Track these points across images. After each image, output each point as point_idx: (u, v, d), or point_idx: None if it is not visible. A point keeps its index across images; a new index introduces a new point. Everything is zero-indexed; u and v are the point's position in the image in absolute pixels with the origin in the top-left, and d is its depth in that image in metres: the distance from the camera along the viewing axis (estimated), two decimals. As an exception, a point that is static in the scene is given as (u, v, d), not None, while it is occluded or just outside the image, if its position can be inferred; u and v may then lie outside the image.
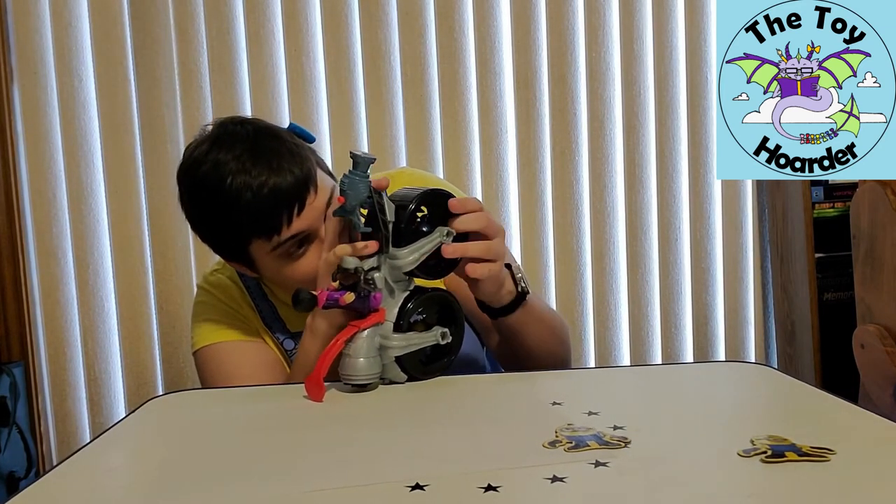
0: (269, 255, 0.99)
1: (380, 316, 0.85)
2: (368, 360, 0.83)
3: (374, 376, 0.84)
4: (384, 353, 0.85)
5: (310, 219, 0.98)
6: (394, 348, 0.85)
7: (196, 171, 0.98)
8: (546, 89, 1.95)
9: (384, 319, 0.85)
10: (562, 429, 0.69)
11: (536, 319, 1.01)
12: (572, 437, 0.67)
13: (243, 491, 0.59)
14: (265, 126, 1.03)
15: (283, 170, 0.96)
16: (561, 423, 0.70)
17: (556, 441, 0.66)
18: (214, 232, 1.03)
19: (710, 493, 0.56)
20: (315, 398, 0.81)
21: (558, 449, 0.65)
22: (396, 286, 0.87)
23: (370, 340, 0.84)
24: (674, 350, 2.05)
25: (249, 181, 0.95)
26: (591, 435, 0.67)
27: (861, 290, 1.73)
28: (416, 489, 0.57)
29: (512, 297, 0.96)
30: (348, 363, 0.83)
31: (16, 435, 1.81)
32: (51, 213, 1.87)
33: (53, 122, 1.86)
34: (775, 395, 0.86)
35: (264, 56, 1.88)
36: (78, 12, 1.85)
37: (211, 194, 0.97)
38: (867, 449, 0.64)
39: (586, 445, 0.65)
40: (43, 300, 1.90)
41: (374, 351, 0.84)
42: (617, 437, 0.66)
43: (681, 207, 2.02)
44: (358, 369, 0.83)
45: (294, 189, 0.96)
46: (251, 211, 0.95)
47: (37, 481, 0.64)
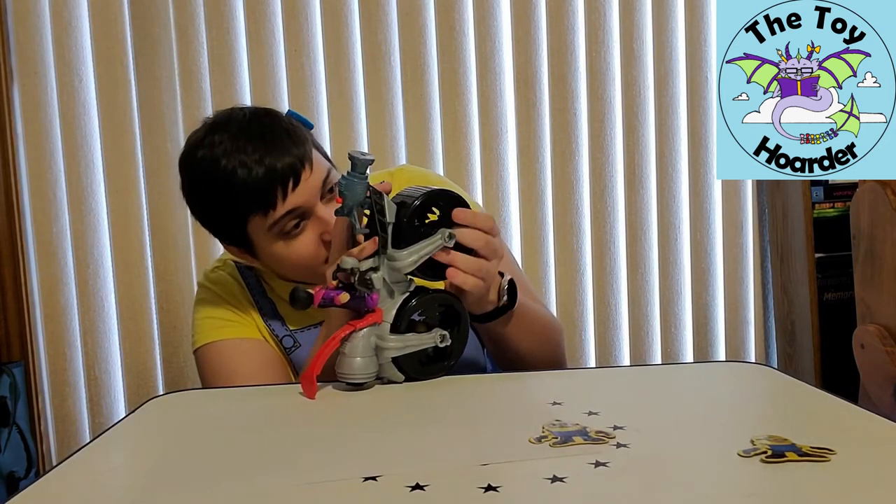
0: (267, 235, 1.00)
1: (377, 316, 0.85)
2: (364, 359, 0.83)
3: (370, 375, 0.84)
4: (380, 353, 0.85)
5: (305, 194, 0.98)
6: (390, 349, 0.84)
7: (193, 154, 1.01)
8: (546, 89, 1.95)
9: (381, 320, 0.85)
10: (549, 425, 0.69)
11: (524, 328, 1.01)
12: (558, 433, 0.67)
13: (243, 491, 0.59)
14: (262, 109, 1.06)
15: (278, 147, 0.97)
16: (549, 420, 0.70)
17: (543, 437, 0.67)
18: (213, 213, 1.04)
19: (709, 493, 0.56)
20: (308, 395, 0.81)
21: (544, 444, 0.65)
22: (396, 287, 0.86)
23: (366, 340, 0.84)
24: (674, 350, 2.05)
25: (244, 158, 0.96)
26: (576, 431, 0.67)
27: (861, 290, 1.73)
28: (416, 489, 0.57)
29: (494, 306, 0.96)
30: (345, 362, 0.84)
31: (16, 435, 1.81)
32: (51, 213, 1.87)
33: (53, 122, 1.86)
34: (775, 395, 0.86)
35: (264, 56, 1.88)
36: (78, 12, 1.85)
37: (207, 174, 0.99)
38: (867, 449, 0.64)
39: (571, 441, 0.65)
40: (43, 300, 1.90)
41: (371, 350, 0.84)
42: (602, 433, 0.66)
43: (681, 207, 2.02)
44: (354, 368, 0.83)
45: (289, 164, 0.97)
46: (247, 187, 0.96)
47: (37, 481, 0.64)
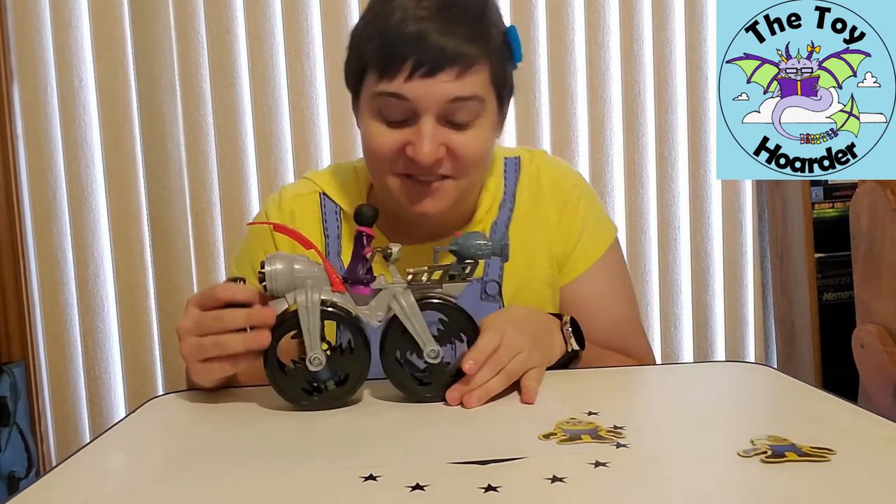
0: (369, 101, 0.91)
1: (340, 287, 0.79)
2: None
3: None
4: None
5: (427, 95, 0.86)
6: None
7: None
8: (546, 89, 1.95)
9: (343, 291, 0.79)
10: (562, 423, 0.70)
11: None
12: (568, 430, 0.67)
13: (243, 490, 0.59)
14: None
15: (450, 26, 0.85)
16: (563, 418, 0.71)
17: (552, 434, 0.67)
18: (354, 43, 0.94)
19: (709, 493, 0.56)
20: None
21: (551, 441, 0.65)
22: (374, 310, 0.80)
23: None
24: (673, 350, 2.05)
25: (411, 8, 0.85)
26: (587, 429, 0.68)
27: (860, 290, 1.73)
28: (416, 489, 0.57)
29: (562, 352, 0.89)
30: None
31: (16, 435, 1.81)
32: (51, 213, 1.87)
33: (53, 122, 1.86)
34: (775, 395, 0.86)
35: (264, 56, 1.88)
36: (78, 12, 1.85)
37: (376, 2, 0.91)
38: (867, 449, 0.64)
39: (579, 438, 0.66)
40: (43, 300, 1.90)
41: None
42: (612, 433, 0.67)
43: (680, 207, 2.02)
44: None
45: (437, 51, 0.84)
46: (386, 37, 0.86)
47: (37, 481, 0.64)
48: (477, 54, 0.87)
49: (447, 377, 0.80)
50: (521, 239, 1.01)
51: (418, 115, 0.88)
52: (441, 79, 0.85)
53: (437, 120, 0.88)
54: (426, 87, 0.86)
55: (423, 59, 0.85)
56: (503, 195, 1.04)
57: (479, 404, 0.77)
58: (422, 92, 0.86)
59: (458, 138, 0.89)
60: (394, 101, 0.87)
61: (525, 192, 1.04)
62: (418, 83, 0.85)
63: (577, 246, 1.05)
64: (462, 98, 0.87)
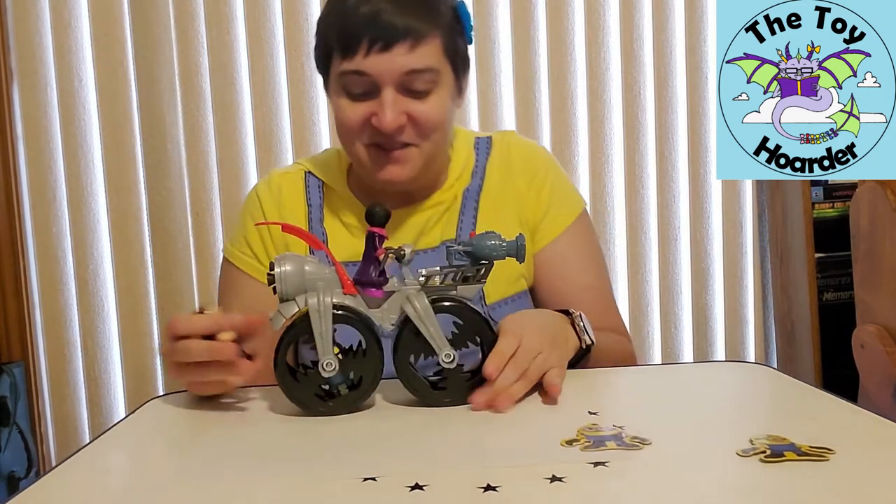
0: (335, 80, 0.98)
1: (352, 289, 0.78)
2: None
3: None
4: None
5: (384, 69, 0.93)
6: None
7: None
8: (546, 89, 1.95)
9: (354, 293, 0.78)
10: (585, 429, 0.69)
11: (601, 362, 0.95)
12: (591, 437, 0.67)
13: (243, 490, 0.59)
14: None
15: (401, 5, 0.93)
16: (584, 423, 0.70)
17: (575, 440, 0.66)
18: (319, 31, 1.01)
19: (708, 493, 0.56)
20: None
21: (574, 447, 0.65)
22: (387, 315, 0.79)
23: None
24: (673, 350, 2.05)
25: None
26: (611, 436, 0.67)
27: (860, 290, 1.73)
28: (416, 489, 0.57)
29: (577, 349, 0.90)
30: None
31: (16, 435, 1.81)
32: (51, 213, 1.87)
33: (53, 122, 1.87)
34: (775, 395, 0.86)
35: (264, 56, 1.88)
36: (78, 12, 1.85)
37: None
38: (867, 449, 0.64)
39: (604, 445, 0.65)
40: (43, 300, 1.90)
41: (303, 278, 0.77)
42: (638, 439, 0.66)
43: (680, 207, 2.02)
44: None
45: (391, 27, 0.92)
46: (344, 20, 0.94)
47: (37, 481, 0.64)
48: (427, 28, 0.94)
49: (463, 381, 0.79)
50: (493, 209, 1.08)
51: (379, 88, 0.95)
52: (396, 52, 0.93)
53: (397, 90, 0.95)
54: (383, 62, 0.93)
55: (377, 36, 0.92)
56: (474, 166, 1.10)
57: (511, 407, 0.77)
58: (380, 66, 0.94)
59: (418, 106, 0.97)
60: (356, 77, 0.95)
61: (496, 166, 1.11)
62: (376, 58, 0.93)
63: (546, 214, 1.09)
64: (417, 70, 0.95)
